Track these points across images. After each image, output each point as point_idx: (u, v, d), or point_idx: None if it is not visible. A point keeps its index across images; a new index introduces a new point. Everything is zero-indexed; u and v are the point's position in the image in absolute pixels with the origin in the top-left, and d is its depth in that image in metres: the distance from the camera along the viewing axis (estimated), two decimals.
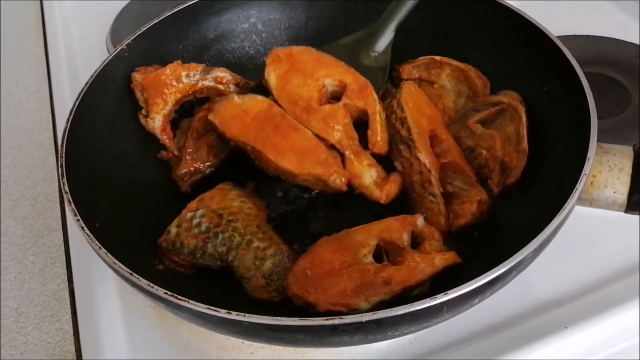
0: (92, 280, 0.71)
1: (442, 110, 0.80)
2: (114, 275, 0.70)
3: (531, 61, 0.73)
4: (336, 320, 0.46)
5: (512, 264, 0.49)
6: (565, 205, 0.53)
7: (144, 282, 0.50)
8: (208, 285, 0.66)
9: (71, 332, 0.69)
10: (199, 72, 0.77)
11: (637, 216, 0.62)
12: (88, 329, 0.68)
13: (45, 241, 0.78)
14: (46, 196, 0.83)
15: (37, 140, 0.92)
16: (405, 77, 0.83)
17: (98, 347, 0.66)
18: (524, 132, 0.70)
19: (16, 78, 1.04)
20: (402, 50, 0.84)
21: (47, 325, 0.69)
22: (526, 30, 0.72)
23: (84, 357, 0.65)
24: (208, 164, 0.76)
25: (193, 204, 0.69)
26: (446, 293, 0.47)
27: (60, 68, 1.00)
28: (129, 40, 0.76)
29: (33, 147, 0.91)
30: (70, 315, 0.70)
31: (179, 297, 0.48)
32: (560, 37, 0.70)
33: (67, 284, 0.73)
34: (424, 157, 0.68)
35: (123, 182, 0.71)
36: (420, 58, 0.83)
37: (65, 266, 0.75)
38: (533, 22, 0.72)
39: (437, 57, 0.82)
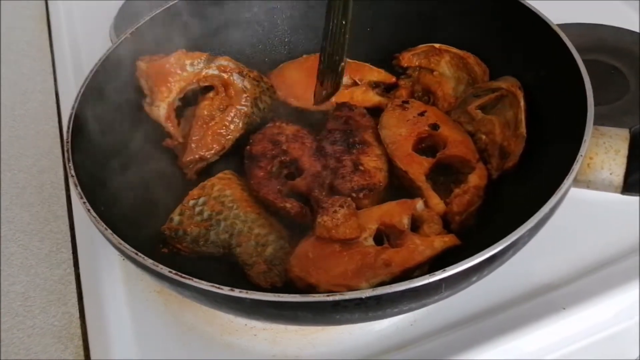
0: (97, 265, 0.72)
1: (442, 97, 0.81)
2: (119, 260, 0.72)
3: (530, 48, 0.74)
4: (337, 297, 0.47)
5: (509, 242, 0.50)
6: (561, 186, 0.54)
7: (149, 262, 0.52)
8: (212, 269, 0.67)
9: (77, 315, 0.70)
10: (202, 60, 0.78)
11: (635, 197, 0.63)
12: (94, 312, 0.69)
13: (52, 227, 0.79)
14: (52, 184, 0.84)
15: (43, 129, 0.93)
16: (405, 64, 0.84)
17: (104, 331, 0.67)
18: (522, 117, 0.70)
19: (21, 69, 1.05)
20: (401, 38, 0.85)
21: (53, 309, 0.71)
22: (525, 18, 0.73)
23: (90, 341, 0.66)
24: (213, 151, 0.77)
25: (195, 192, 0.70)
26: (444, 270, 0.48)
27: (65, 59, 1.02)
28: (134, 29, 0.77)
29: (39, 137, 0.92)
30: (77, 299, 0.71)
31: (183, 275, 0.50)
32: (560, 25, 0.71)
33: (73, 268, 0.74)
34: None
35: (128, 168, 0.72)
36: (420, 46, 0.84)
37: (71, 251, 0.76)
38: (532, 9, 0.73)
39: (437, 45, 0.82)
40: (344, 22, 0.68)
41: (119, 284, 0.71)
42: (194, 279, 0.49)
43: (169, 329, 0.67)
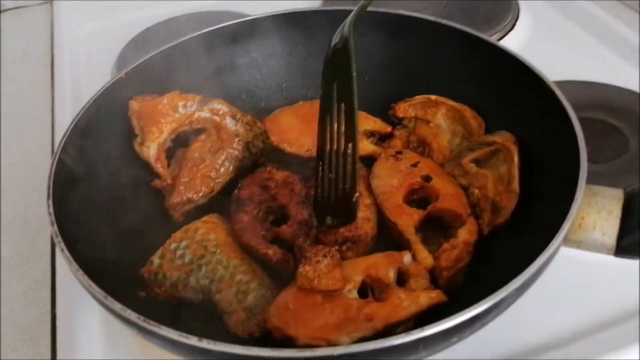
0: (75, 306, 0.70)
1: (437, 149, 0.80)
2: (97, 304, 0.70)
3: (525, 103, 0.73)
4: (307, 353, 0.45)
5: (492, 302, 0.48)
6: (549, 246, 0.52)
7: (117, 306, 0.50)
8: (189, 317, 0.65)
9: (49, 356, 0.68)
10: (195, 102, 0.78)
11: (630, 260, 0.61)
12: (66, 355, 0.67)
13: (33, 264, 0.78)
14: (39, 219, 0.83)
15: (35, 164, 0.92)
16: (401, 115, 0.84)
17: None
18: (516, 172, 0.69)
19: (21, 102, 1.06)
20: (398, 88, 0.85)
21: (25, 348, 0.68)
22: (522, 73, 0.73)
23: None
24: (201, 194, 0.76)
25: (177, 235, 0.69)
26: (422, 329, 0.46)
27: (64, 95, 1.02)
28: (129, 69, 0.77)
29: (31, 171, 0.91)
30: (50, 340, 0.69)
31: (150, 322, 0.48)
32: (559, 82, 0.71)
33: (49, 307, 0.72)
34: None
35: (113, 207, 0.71)
36: (416, 97, 0.83)
37: (49, 290, 0.74)
38: (528, 65, 0.72)
39: (433, 97, 0.82)
40: (350, 145, 0.64)
41: (96, 327, 0.69)
42: (162, 327, 0.47)
43: None
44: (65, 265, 0.73)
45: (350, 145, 0.64)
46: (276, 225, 0.72)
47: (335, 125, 0.64)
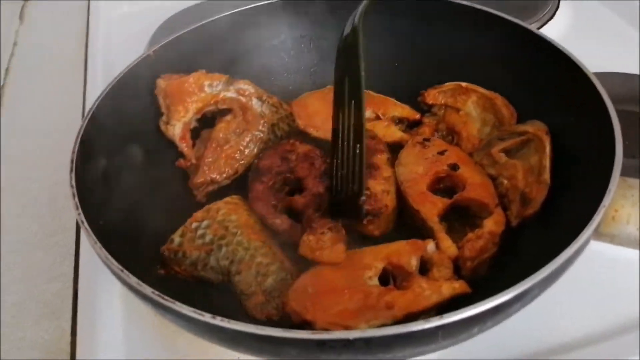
0: (97, 282, 0.71)
1: (466, 138, 0.78)
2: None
3: (561, 93, 0.70)
4: (322, 335, 0.44)
5: (515, 293, 0.46)
6: (579, 237, 0.50)
7: (133, 280, 0.49)
8: (208, 296, 0.65)
9: (69, 331, 0.68)
10: (221, 82, 0.77)
11: None
12: (86, 330, 0.67)
13: (58, 240, 0.78)
14: (65, 195, 0.83)
15: (66, 142, 0.92)
16: (430, 102, 0.82)
17: (94, 350, 0.65)
18: (547, 163, 0.67)
19: (54, 83, 1.07)
20: (428, 74, 0.83)
21: (46, 323, 0.69)
22: (559, 62, 0.70)
23: (77, 357, 0.64)
24: (225, 175, 0.76)
25: (199, 214, 0.68)
26: (442, 316, 0.44)
27: (96, 75, 1.03)
28: (157, 47, 0.77)
29: (60, 150, 0.91)
30: (71, 315, 0.69)
31: (165, 297, 0.47)
32: (597, 74, 0.68)
33: (72, 283, 0.73)
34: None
35: (136, 185, 0.71)
36: (447, 84, 0.81)
37: (72, 266, 0.75)
38: (568, 54, 0.69)
39: (464, 84, 0.80)
40: (358, 145, 0.62)
41: (116, 303, 0.69)
42: (177, 303, 0.47)
43: (161, 354, 0.65)
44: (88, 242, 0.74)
45: (358, 146, 0.62)
46: (291, 195, 0.71)
47: (347, 122, 0.63)
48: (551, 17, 1.07)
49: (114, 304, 0.69)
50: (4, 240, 0.78)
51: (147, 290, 0.48)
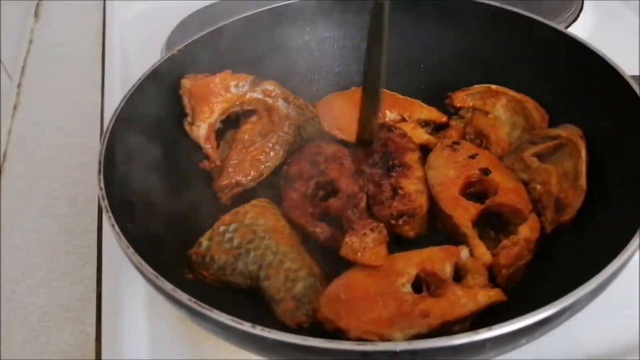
0: (121, 285, 0.69)
1: (495, 142, 0.77)
2: (143, 282, 0.69)
3: (595, 96, 0.69)
4: (368, 347, 0.43)
5: (566, 304, 0.45)
6: (627, 246, 0.49)
7: (168, 287, 0.48)
8: (238, 302, 0.64)
9: (94, 336, 0.67)
10: (248, 83, 0.76)
11: None
12: (111, 335, 0.66)
13: (80, 241, 0.77)
14: (86, 196, 0.83)
15: (83, 142, 0.92)
16: (458, 104, 0.80)
17: (119, 355, 0.63)
18: (583, 168, 0.65)
19: (71, 80, 1.06)
20: (456, 76, 0.81)
21: (70, 327, 0.68)
22: (593, 65, 0.69)
23: None
24: (250, 177, 0.74)
25: (227, 217, 0.67)
26: (490, 328, 0.43)
27: (114, 73, 1.01)
28: (181, 46, 0.76)
29: (78, 149, 0.91)
30: (95, 320, 0.68)
31: (202, 304, 0.46)
32: (632, 77, 0.66)
33: (95, 286, 0.71)
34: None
35: (162, 186, 0.70)
36: (475, 86, 0.80)
37: (96, 268, 0.73)
38: (602, 56, 0.68)
39: (493, 86, 0.79)
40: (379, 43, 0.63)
41: (141, 307, 0.68)
42: (214, 311, 0.46)
43: (188, 358, 0.63)
44: (112, 244, 0.73)
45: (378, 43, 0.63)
46: (325, 200, 0.70)
47: None
48: (575, 19, 1.05)
49: (138, 308, 0.68)
50: (24, 242, 0.77)
51: (184, 297, 0.47)
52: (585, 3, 1.08)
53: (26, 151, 0.91)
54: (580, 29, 1.04)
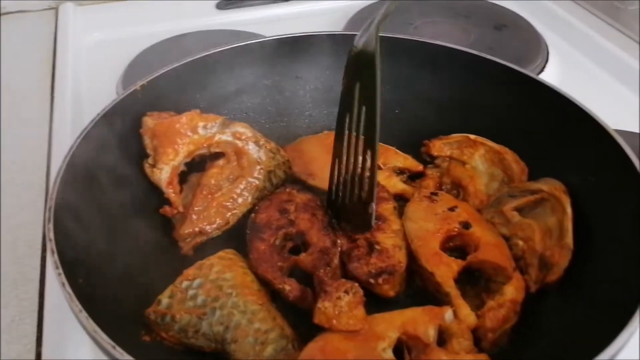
0: (63, 344, 0.62)
1: (472, 194, 0.74)
2: (90, 342, 0.62)
3: (578, 150, 0.67)
4: None
5: None
6: (629, 322, 0.45)
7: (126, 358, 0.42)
8: None
9: None
10: (217, 124, 0.70)
11: None
12: None
13: (19, 293, 0.68)
14: (28, 241, 0.74)
15: (29, 179, 0.84)
16: (435, 153, 0.77)
17: None
18: (569, 225, 0.63)
19: (19, 112, 0.97)
20: (432, 124, 0.79)
21: None
22: (575, 118, 0.67)
23: None
24: (215, 226, 0.69)
25: (190, 271, 0.61)
26: None
27: (65, 107, 0.94)
28: (144, 82, 0.70)
29: (23, 187, 0.83)
30: None
31: None
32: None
33: (34, 345, 0.63)
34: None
35: (117, 235, 0.63)
36: (453, 135, 0.77)
37: (36, 324, 0.65)
38: (585, 110, 0.67)
39: (472, 136, 0.76)
40: (369, 152, 0.62)
41: None
42: None
43: None
44: (55, 296, 0.66)
45: (369, 152, 0.62)
46: (295, 253, 0.65)
47: (354, 127, 0.63)
48: (541, 70, 1.05)
49: None
50: None
51: None
52: (550, 55, 1.08)
53: None
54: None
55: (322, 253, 0.62)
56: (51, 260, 0.49)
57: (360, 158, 0.63)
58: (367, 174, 0.63)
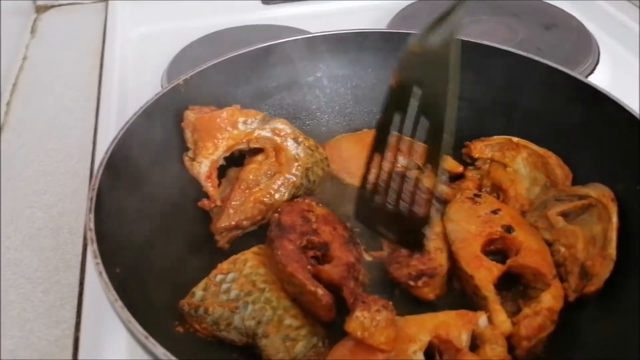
0: (101, 332, 0.63)
1: (513, 197, 0.72)
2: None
3: (626, 156, 0.65)
4: None
5: None
6: None
7: (159, 351, 0.42)
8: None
9: None
10: (257, 120, 0.71)
11: None
12: None
13: (60, 278, 0.70)
14: (70, 229, 0.76)
15: (73, 167, 0.86)
16: (476, 155, 0.76)
17: None
18: (614, 235, 0.61)
19: (65, 101, 1.00)
20: (475, 126, 0.77)
21: None
22: (624, 123, 0.65)
23: None
24: (252, 220, 0.69)
25: (224, 265, 0.62)
26: None
27: (111, 98, 0.96)
28: (187, 76, 0.71)
29: (67, 175, 0.85)
30: None
31: None
32: None
33: (72, 330, 0.65)
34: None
35: (155, 227, 0.64)
36: (496, 137, 0.76)
37: (75, 310, 0.67)
38: (637, 117, 0.64)
39: (515, 138, 0.74)
40: (430, 165, 0.53)
41: (122, 355, 0.62)
42: None
43: None
44: (95, 283, 0.67)
45: (429, 165, 0.54)
46: (317, 263, 0.63)
47: (408, 129, 0.55)
48: (592, 71, 1.02)
49: (118, 357, 0.62)
50: (2, 275, 0.70)
51: None
52: (601, 55, 1.05)
53: (10, 176, 0.85)
54: (597, 82, 1.01)
55: (349, 267, 0.61)
56: (90, 249, 0.50)
57: (412, 163, 0.57)
58: (424, 186, 0.56)
